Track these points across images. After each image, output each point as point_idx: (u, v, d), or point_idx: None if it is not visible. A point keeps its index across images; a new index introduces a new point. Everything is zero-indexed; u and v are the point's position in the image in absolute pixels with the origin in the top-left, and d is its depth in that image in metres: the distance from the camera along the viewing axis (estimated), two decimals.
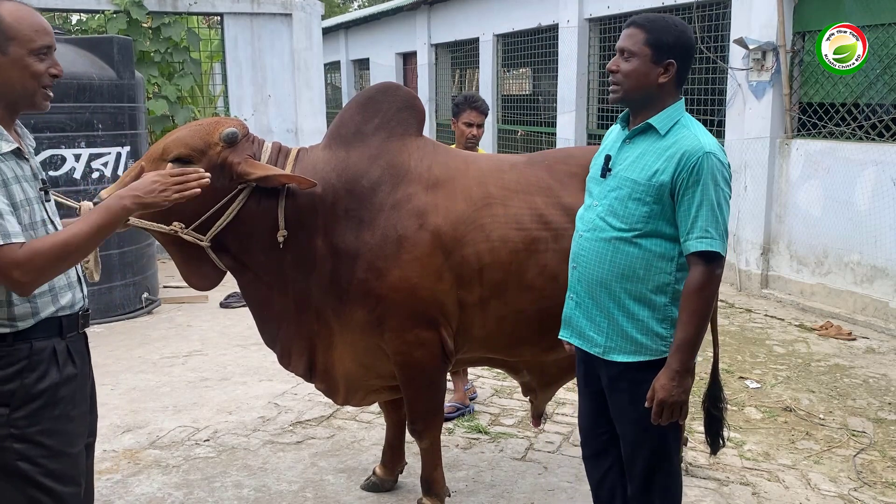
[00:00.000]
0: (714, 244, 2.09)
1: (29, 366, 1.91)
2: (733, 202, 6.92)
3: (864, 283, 6.06)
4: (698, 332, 2.12)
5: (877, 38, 5.93)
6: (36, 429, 1.92)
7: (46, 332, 1.95)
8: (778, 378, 4.84)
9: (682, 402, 2.14)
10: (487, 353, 3.07)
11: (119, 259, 5.90)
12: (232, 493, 3.37)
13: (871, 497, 3.35)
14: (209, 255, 2.78)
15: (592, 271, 2.26)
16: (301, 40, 9.19)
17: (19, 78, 1.90)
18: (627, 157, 2.24)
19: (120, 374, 4.85)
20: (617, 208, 2.21)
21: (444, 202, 2.78)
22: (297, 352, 2.96)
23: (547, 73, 11.07)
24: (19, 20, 1.89)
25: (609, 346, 2.27)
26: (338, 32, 19.53)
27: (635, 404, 2.25)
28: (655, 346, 2.22)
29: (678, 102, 2.22)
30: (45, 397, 1.93)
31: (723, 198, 2.11)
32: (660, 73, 2.17)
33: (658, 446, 2.30)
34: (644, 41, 2.16)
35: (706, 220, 2.09)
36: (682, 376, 2.12)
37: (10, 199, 1.86)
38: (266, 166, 2.71)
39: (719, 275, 2.14)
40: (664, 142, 2.17)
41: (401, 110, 2.89)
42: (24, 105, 1.96)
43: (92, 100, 5.70)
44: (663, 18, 2.21)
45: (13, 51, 1.88)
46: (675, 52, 2.16)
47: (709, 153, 2.10)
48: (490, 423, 4.09)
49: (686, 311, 2.12)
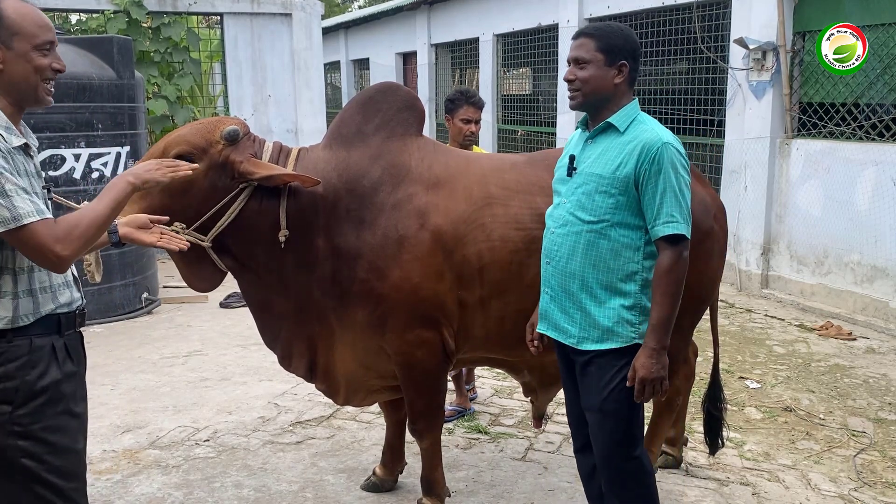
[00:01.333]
0: (679, 227, 2.24)
1: (29, 362, 1.93)
2: (733, 202, 7.02)
3: (864, 283, 6.06)
4: (671, 312, 2.26)
5: (877, 38, 5.93)
6: (39, 426, 1.94)
7: (45, 329, 1.97)
8: (778, 378, 4.83)
9: (662, 378, 2.26)
10: (488, 353, 3.07)
11: (119, 259, 5.90)
12: (232, 493, 3.37)
13: (871, 497, 3.35)
14: (210, 256, 2.78)
15: (565, 264, 2.37)
16: (301, 40, 9.19)
17: (23, 72, 1.95)
18: (591, 156, 2.37)
19: (120, 374, 4.85)
20: (585, 202, 2.33)
21: (445, 202, 2.78)
22: (297, 352, 2.96)
23: (547, 73, 11.07)
24: (23, 16, 1.94)
25: (582, 336, 2.37)
26: (338, 32, 19.53)
27: (600, 390, 2.36)
28: (626, 333, 2.33)
29: (633, 102, 2.37)
30: (48, 394, 1.95)
31: (683, 184, 2.26)
32: (614, 74, 2.32)
33: (623, 438, 2.38)
34: (595, 48, 2.31)
35: (670, 206, 2.23)
36: (659, 353, 2.25)
37: None
38: (269, 165, 2.71)
39: (686, 256, 2.27)
40: (624, 137, 2.31)
41: (401, 110, 2.89)
42: (28, 100, 2.00)
43: (92, 100, 5.69)
44: (608, 25, 2.39)
45: (17, 45, 1.93)
46: (626, 54, 2.32)
47: (666, 143, 2.25)
48: (490, 423, 4.09)
49: (658, 291, 2.26)
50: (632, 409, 2.36)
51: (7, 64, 1.93)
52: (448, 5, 13.44)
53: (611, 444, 2.39)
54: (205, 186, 2.69)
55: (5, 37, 1.91)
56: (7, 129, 1.94)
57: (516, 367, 3.17)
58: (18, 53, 1.93)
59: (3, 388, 1.90)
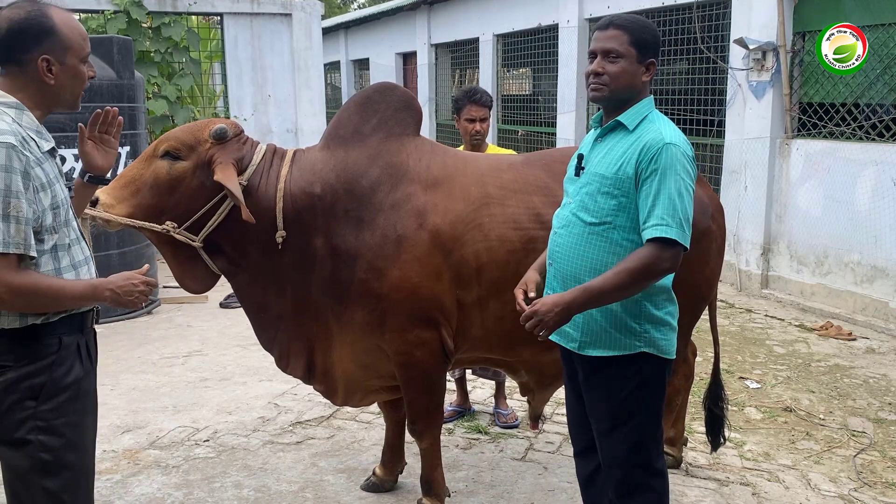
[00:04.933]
0: (669, 231, 2.07)
1: (58, 360, 1.97)
2: (733, 202, 7.01)
3: (864, 283, 6.06)
4: (610, 292, 2.08)
5: (877, 38, 5.93)
6: (62, 421, 1.97)
7: (71, 328, 2.01)
8: (778, 378, 4.83)
9: (547, 328, 2.09)
10: (486, 353, 3.07)
11: (119, 259, 5.90)
12: (232, 494, 3.37)
13: (871, 497, 3.35)
14: (202, 257, 2.78)
15: (567, 266, 2.27)
16: (301, 40, 9.19)
17: (71, 85, 2.00)
18: (598, 155, 2.27)
19: (120, 375, 4.85)
20: (588, 203, 2.24)
21: (443, 202, 2.78)
22: (295, 354, 2.96)
23: (547, 73, 11.06)
24: (71, 29, 1.97)
25: (584, 342, 2.28)
26: (338, 32, 19.53)
27: (609, 401, 2.26)
28: (629, 340, 2.22)
29: (647, 99, 2.26)
30: (71, 391, 1.99)
31: (684, 188, 2.10)
32: (643, 72, 2.21)
33: (634, 445, 2.28)
34: (629, 41, 2.18)
35: (663, 209, 2.08)
36: (565, 309, 2.08)
37: (54, 198, 1.93)
38: (230, 178, 2.63)
39: (666, 259, 2.08)
40: (631, 136, 2.20)
41: (398, 110, 2.89)
42: (63, 106, 2.04)
43: (91, 100, 5.68)
44: (639, 19, 2.24)
45: (69, 60, 1.96)
46: (656, 51, 2.21)
47: (669, 144, 2.11)
48: (490, 424, 4.09)
49: (614, 269, 2.09)
50: (644, 418, 2.27)
51: (58, 77, 1.96)
52: (448, 5, 13.44)
53: (622, 452, 2.30)
54: (193, 185, 2.70)
55: (59, 52, 1.94)
56: (38, 134, 1.96)
57: (514, 367, 3.16)
58: (69, 67, 1.96)
59: (31, 385, 1.93)
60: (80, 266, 2.07)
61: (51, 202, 1.93)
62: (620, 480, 2.33)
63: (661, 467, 2.36)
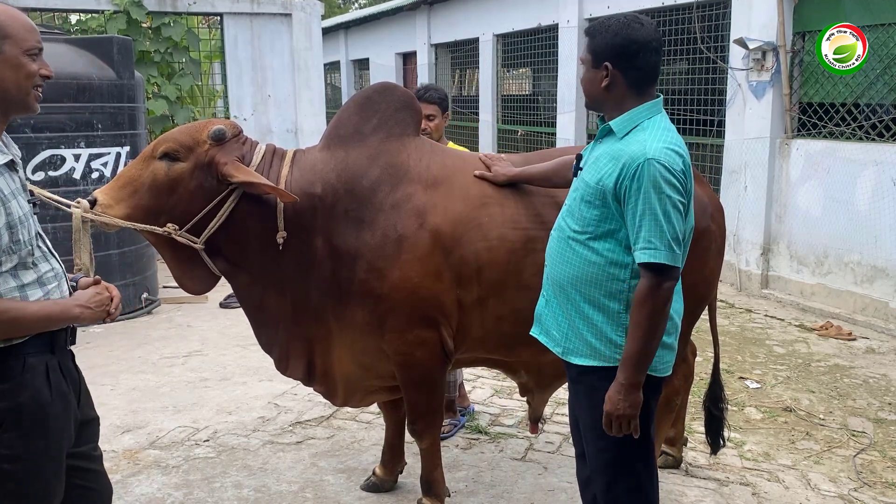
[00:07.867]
0: (658, 255, 2.01)
1: (22, 383, 1.85)
2: (733, 202, 7.01)
3: (864, 283, 6.06)
4: (644, 347, 2.05)
5: (877, 38, 5.93)
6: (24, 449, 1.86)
7: (38, 349, 1.89)
8: (778, 378, 4.83)
9: (630, 417, 2.07)
10: (486, 354, 3.07)
11: (119, 259, 5.90)
12: (232, 494, 3.37)
13: (871, 497, 3.35)
14: (203, 258, 2.78)
15: (554, 272, 2.26)
16: (301, 40, 9.19)
17: (14, 78, 1.84)
18: (591, 159, 2.22)
19: (120, 375, 4.85)
20: (574, 209, 2.21)
21: (443, 201, 2.78)
22: (295, 355, 2.95)
23: (547, 73, 11.07)
24: (12, 19, 1.85)
25: (567, 348, 2.25)
26: (338, 32, 19.53)
27: (591, 410, 2.21)
28: (610, 352, 2.17)
29: (642, 105, 2.15)
30: (38, 415, 1.87)
31: (669, 205, 2.01)
32: (602, 77, 2.15)
33: (616, 457, 2.24)
34: (588, 48, 2.19)
35: (648, 231, 2.02)
36: (627, 391, 2.06)
37: (10, 217, 1.81)
38: (250, 172, 2.67)
39: (667, 287, 2.04)
40: (619, 145, 2.12)
41: (398, 110, 2.89)
42: (17, 108, 1.91)
43: (91, 100, 5.69)
44: (602, 23, 2.18)
45: (8, 50, 1.83)
46: (608, 55, 2.12)
47: (650, 160, 2.01)
48: (490, 424, 4.09)
49: (631, 322, 2.07)
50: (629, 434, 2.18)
51: None
52: (448, 5, 13.44)
53: (607, 467, 2.27)
54: (191, 186, 2.69)
55: None
56: None
57: (513, 367, 3.16)
58: (9, 58, 1.83)
59: None
60: (49, 282, 1.94)
61: (5, 221, 1.79)
62: (604, 490, 2.30)
63: (644, 483, 2.29)
